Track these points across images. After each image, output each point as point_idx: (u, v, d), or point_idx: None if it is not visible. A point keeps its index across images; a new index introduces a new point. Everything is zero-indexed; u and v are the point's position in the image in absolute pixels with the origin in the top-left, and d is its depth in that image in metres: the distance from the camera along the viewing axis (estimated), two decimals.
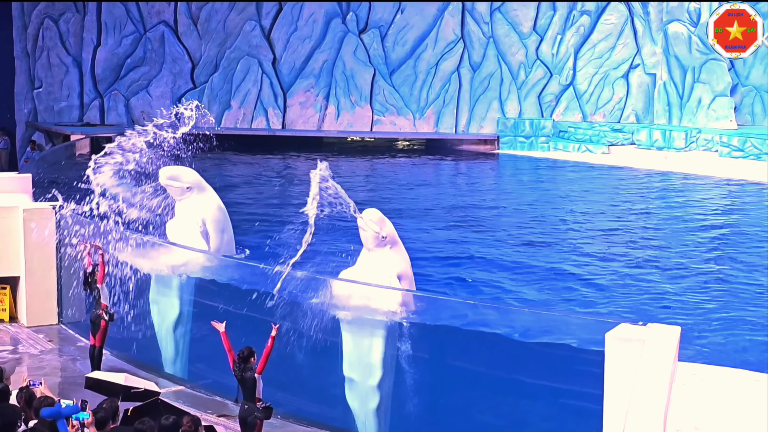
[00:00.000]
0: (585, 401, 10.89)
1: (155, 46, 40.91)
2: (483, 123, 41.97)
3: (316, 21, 41.59)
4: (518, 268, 21.35)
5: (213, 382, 14.29)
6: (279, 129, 41.54)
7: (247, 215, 26.59)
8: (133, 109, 40.74)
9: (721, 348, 15.88)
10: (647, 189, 33.74)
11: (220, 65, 41.31)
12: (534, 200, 30.18)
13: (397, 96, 41.90)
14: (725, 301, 18.89)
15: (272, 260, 13.53)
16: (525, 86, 41.92)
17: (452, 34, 41.80)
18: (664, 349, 10.02)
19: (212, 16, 41.17)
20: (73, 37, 40.25)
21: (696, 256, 22.52)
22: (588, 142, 39.84)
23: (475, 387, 12.57)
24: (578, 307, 18.13)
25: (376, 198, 29.98)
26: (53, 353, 15.80)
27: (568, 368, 11.68)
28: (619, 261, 21.95)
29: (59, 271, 17.16)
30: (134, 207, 15.83)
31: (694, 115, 39.58)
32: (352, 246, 13.98)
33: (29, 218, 17.02)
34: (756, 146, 35.88)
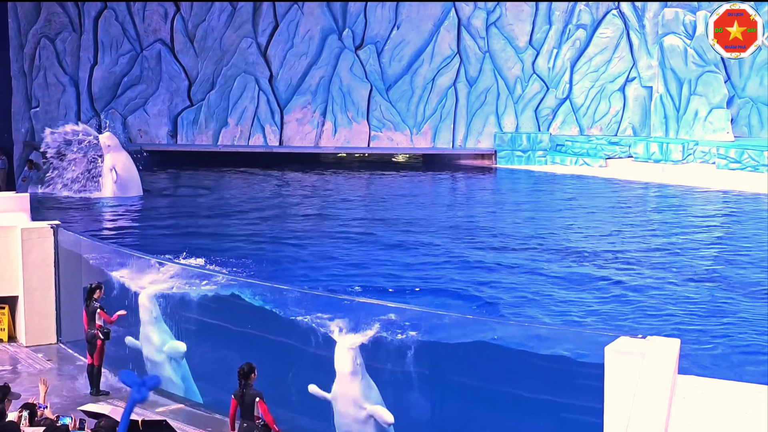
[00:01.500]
0: (585, 415, 10.86)
1: (152, 65, 40.96)
2: (480, 137, 42.02)
3: (312, 38, 41.66)
4: (518, 282, 21.34)
5: (212, 400, 14.26)
6: (276, 146, 41.55)
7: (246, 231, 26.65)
8: (131, 128, 40.76)
9: (720, 361, 15.85)
10: (644, 202, 33.76)
11: (216, 83, 41.35)
12: (532, 214, 30.18)
13: (394, 111, 41.95)
14: (724, 312, 18.87)
15: (274, 279, 13.52)
16: (522, 100, 42.00)
17: (448, 49, 41.88)
18: (664, 362, 10.00)
19: (208, 33, 41.23)
20: (70, 56, 40.29)
21: (694, 268, 22.49)
22: (585, 155, 39.89)
23: (474, 402, 12.54)
24: (577, 319, 18.11)
25: (373, 213, 30.00)
26: (52, 372, 15.77)
27: (568, 382, 11.66)
28: (617, 274, 21.92)
29: (58, 290, 17.13)
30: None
31: (690, 128, 39.67)
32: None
33: (28, 238, 17.01)
34: (753, 158, 35.90)
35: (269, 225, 27.91)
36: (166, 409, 14.03)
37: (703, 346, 16.45)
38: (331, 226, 27.65)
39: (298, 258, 23.37)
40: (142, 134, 40.89)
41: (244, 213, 29.65)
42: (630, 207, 32.15)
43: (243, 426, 11.36)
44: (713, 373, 13.87)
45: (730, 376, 11.84)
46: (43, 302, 17.11)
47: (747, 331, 17.62)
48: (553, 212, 30.57)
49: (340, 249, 24.48)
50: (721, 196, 33.86)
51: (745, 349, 16.61)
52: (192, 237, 25.36)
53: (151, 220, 28.70)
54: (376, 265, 22.75)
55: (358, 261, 23.16)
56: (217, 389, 13.73)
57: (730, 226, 28.65)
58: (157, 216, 29.24)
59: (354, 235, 26.18)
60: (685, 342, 11.05)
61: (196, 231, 26.62)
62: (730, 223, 29.16)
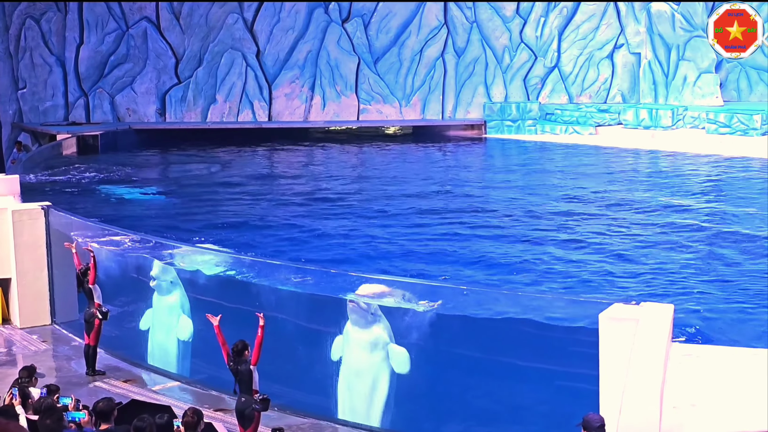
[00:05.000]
0: (581, 382, 10.90)
1: (138, 43, 40.73)
2: (469, 108, 41.95)
3: (299, 12, 41.46)
4: (511, 251, 21.38)
5: (209, 377, 14.27)
6: (265, 121, 41.43)
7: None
8: (119, 107, 40.59)
9: (716, 325, 15.91)
10: (636, 168, 33.79)
11: (204, 59, 41.15)
12: (524, 183, 30.19)
13: (383, 84, 41.83)
14: (719, 278, 18.95)
15: (263, 253, 13.52)
16: (510, 70, 41.92)
17: (435, 20, 41.73)
18: (658, 328, 10.04)
19: (194, 10, 40.99)
20: (56, 36, 40.06)
21: (686, 234, 22.55)
22: (575, 123, 39.87)
23: (470, 372, 12.58)
24: (570, 288, 18.16)
25: (366, 185, 30.00)
26: (48, 353, 15.77)
27: (563, 350, 11.70)
28: (610, 241, 21.98)
29: (50, 272, 17.10)
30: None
31: (680, 93, 39.66)
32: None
33: (19, 219, 16.96)
34: (743, 122, 35.92)
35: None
36: (163, 386, 14.04)
37: (696, 307, 16.52)
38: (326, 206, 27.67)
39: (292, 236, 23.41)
40: (131, 113, 40.72)
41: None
42: (620, 173, 32.17)
43: (241, 400, 11.39)
44: (707, 339, 13.94)
45: (725, 341, 11.90)
46: (36, 284, 17.06)
47: (742, 294, 17.69)
48: (544, 180, 30.58)
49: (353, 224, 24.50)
50: (712, 160, 33.90)
51: (741, 313, 16.67)
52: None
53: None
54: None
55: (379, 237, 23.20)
56: (213, 366, 13.72)
57: (720, 191, 28.70)
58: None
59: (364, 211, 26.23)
60: (679, 307, 11.09)
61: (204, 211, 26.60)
62: (720, 188, 29.21)
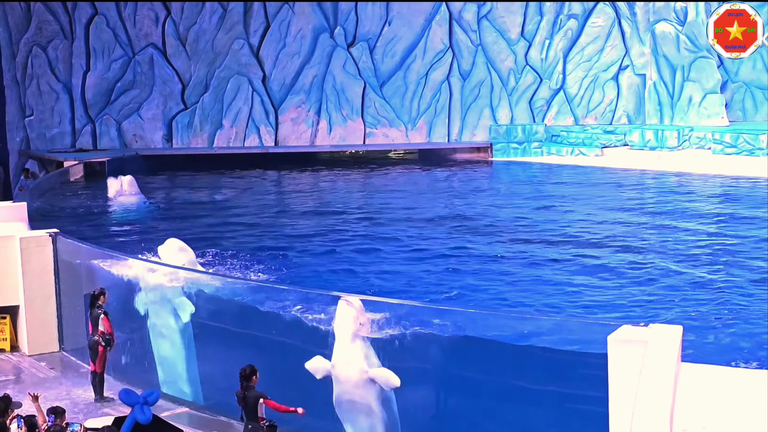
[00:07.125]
0: (590, 405, 10.87)
1: (144, 69, 40.90)
2: (475, 131, 42.00)
3: (304, 37, 41.61)
4: (518, 274, 21.35)
5: (217, 402, 14.25)
6: (272, 146, 41.51)
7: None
8: (125, 133, 40.73)
9: (722, 347, 15.86)
10: (642, 189, 33.77)
11: (210, 85, 41.28)
12: (531, 205, 30.16)
13: (389, 108, 41.91)
14: (724, 299, 18.90)
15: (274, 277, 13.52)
16: (515, 92, 41.98)
17: (440, 44, 41.85)
18: (666, 349, 10.01)
19: (200, 36, 41.16)
20: (62, 63, 40.26)
21: (693, 255, 22.51)
22: (581, 145, 39.88)
23: (479, 395, 12.54)
24: (578, 310, 18.12)
25: (372, 209, 30.00)
26: (56, 381, 15.77)
27: (572, 372, 11.67)
28: (619, 262, 21.94)
29: (58, 298, 17.12)
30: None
31: (685, 114, 39.67)
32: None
33: (26, 247, 17.00)
34: (749, 142, 35.91)
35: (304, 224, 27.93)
36: (171, 413, 14.03)
37: (705, 332, 16.47)
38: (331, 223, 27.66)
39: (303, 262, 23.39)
40: (137, 139, 40.85)
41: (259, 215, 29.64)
42: (628, 195, 32.15)
43: (248, 428, 11.36)
44: (713, 360, 13.88)
45: (730, 362, 11.85)
46: (44, 311, 17.09)
47: (748, 316, 17.64)
48: (550, 202, 30.56)
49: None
50: (719, 181, 33.86)
51: (748, 335, 16.62)
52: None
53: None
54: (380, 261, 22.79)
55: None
56: (221, 392, 13.71)
57: (727, 211, 28.65)
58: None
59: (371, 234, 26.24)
60: (687, 329, 11.06)
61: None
62: (726, 208, 29.17)
